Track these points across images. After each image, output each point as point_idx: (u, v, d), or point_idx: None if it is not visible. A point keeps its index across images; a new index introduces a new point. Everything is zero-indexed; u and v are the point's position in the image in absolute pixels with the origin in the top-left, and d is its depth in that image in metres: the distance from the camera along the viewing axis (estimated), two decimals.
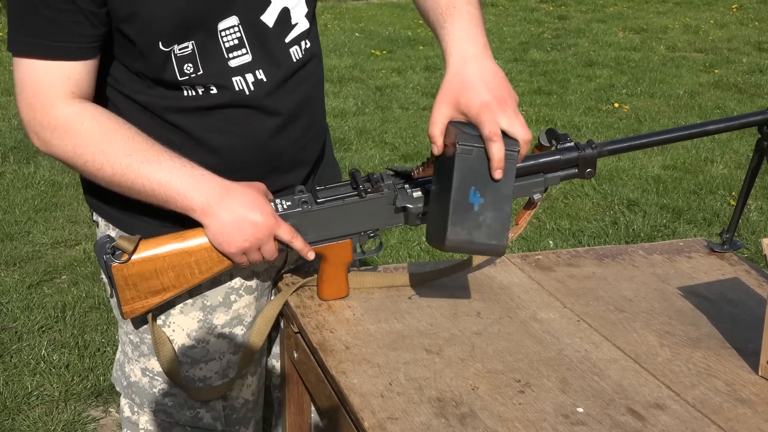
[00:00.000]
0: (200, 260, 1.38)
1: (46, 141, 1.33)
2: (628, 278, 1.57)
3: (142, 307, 1.39)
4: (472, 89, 1.26)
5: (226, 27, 1.35)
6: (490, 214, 1.24)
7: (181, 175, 1.32)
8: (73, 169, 1.37)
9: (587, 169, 1.46)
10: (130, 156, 1.31)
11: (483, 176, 1.23)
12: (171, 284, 1.38)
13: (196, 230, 1.39)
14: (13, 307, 3.26)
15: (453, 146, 1.23)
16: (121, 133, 1.33)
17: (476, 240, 1.24)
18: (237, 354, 1.53)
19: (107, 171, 1.32)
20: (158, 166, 1.31)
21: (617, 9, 9.97)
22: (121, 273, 1.36)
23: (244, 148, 1.42)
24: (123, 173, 1.31)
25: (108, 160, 1.31)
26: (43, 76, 1.30)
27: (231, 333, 1.52)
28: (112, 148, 1.31)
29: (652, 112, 6.01)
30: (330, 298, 1.47)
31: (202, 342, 1.51)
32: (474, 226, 1.23)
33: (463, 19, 1.34)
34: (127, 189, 1.34)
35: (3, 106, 5.88)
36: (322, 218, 1.41)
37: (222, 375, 1.52)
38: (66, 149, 1.33)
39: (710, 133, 1.52)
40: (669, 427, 1.14)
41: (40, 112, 1.32)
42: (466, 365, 1.28)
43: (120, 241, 1.35)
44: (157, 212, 1.38)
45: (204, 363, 1.51)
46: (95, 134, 1.32)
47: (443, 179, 1.25)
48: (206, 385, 1.52)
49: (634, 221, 4.15)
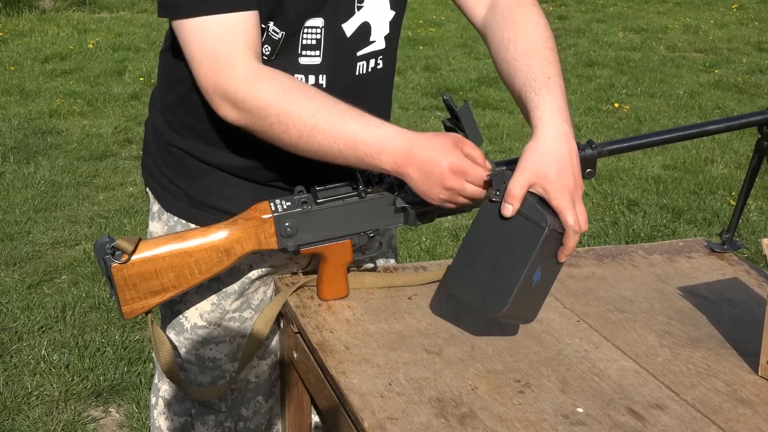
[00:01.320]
0: (200, 260, 1.38)
1: (232, 107, 1.31)
2: (628, 278, 1.57)
3: (142, 307, 1.39)
4: (563, 170, 1.26)
5: (310, 26, 1.38)
6: (540, 292, 1.28)
7: (366, 136, 1.28)
8: (258, 135, 1.34)
9: (587, 169, 1.46)
10: (314, 116, 1.29)
11: (549, 257, 1.26)
12: (171, 285, 1.39)
13: (196, 230, 1.39)
14: (13, 307, 3.26)
15: (531, 222, 1.24)
16: (303, 92, 1.32)
17: (522, 314, 1.29)
18: (246, 337, 1.55)
19: (293, 133, 1.30)
20: (343, 127, 1.29)
21: (617, 9, 9.97)
22: (120, 273, 1.36)
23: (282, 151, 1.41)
24: (309, 135, 1.29)
25: (293, 122, 1.29)
26: (222, 34, 1.29)
27: (241, 317, 1.56)
28: (296, 108, 1.29)
29: (652, 112, 6.00)
30: (330, 299, 1.47)
31: (213, 324, 1.54)
32: (527, 300, 1.27)
33: (558, 93, 1.34)
34: (314, 152, 1.31)
35: (3, 106, 5.87)
36: (322, 218, 1.40)
37: (232, 357, 1.56)
38: (251, 112, 1.31)
39: (710, 133, 1.53)
40: (669, 427, 1.14)
41: (222, 76, 1.30)
42: (466, 365, 1.28)
43: (120, 242, 1.36)
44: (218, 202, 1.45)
45: (215, 344, 1.55)
46: (277, 94, 1.30)
47: (509, 247, 1.25)
48: (216, 366, 1.55)
49: (634, 221, 4.15)
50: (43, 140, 5.20)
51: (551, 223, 1.22)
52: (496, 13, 1.45)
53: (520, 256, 1.23)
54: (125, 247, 1.35)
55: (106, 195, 4.44)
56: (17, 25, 8.34)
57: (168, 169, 1.54)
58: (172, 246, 1.38)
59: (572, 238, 1.24)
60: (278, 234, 1.39)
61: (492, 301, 1.24)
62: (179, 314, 1.55)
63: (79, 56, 7.27)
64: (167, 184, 1.54)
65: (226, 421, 1.59)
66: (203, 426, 1.58)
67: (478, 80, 6.78)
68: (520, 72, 1.36)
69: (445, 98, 1.37)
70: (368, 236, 1.44)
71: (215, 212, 1.49)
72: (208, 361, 1.56)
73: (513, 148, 5.22)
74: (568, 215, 1.24)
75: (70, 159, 4.90)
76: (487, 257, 1.26)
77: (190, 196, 1.52)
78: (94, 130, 5.42)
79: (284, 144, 1.32)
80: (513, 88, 1.38)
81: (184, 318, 1.55)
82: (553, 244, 1.25)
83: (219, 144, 1.47)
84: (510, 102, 6.21)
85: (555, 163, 1.26)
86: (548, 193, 1.25)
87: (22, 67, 6.86)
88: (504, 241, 1.25)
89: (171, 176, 1.54)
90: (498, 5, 1.46)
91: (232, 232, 1.38)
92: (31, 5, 8.90)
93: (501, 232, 1.25)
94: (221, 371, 1.57)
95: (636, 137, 1.49)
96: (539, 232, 1.22)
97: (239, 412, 1.61)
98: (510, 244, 1.24)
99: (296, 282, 1.51)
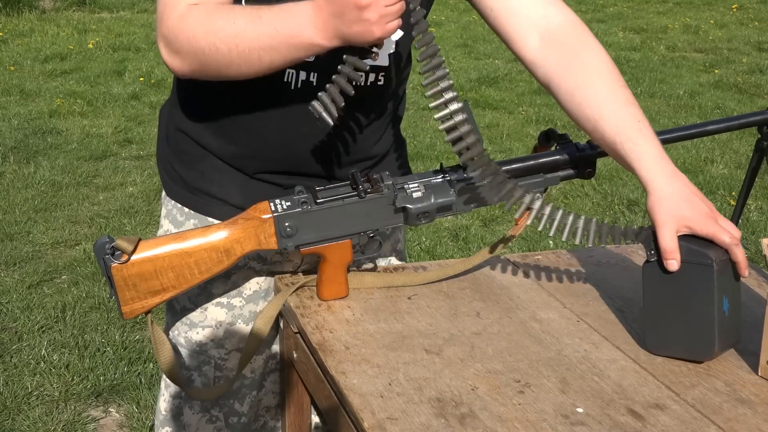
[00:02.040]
0: (200, 261, 1.38)
1: (171, 51, 1.36)
2: (628, 278, 1.57)
3: (142, 307, 1.39)
4: (692, 203, 1.29)
5: None
6: (735, 314, 1.29)
7: (282, 19, 1.30)
8: (203, 74, 1.38)
9: (587, 169, 1.46)
10: (234, 23, 1.31)
11: (727, 284, 1.28)
12: (171, 285, 1.39)
13: (196, 230, 1.40)
14: (13, 307, 3.26)
15: (697, 264, 1.26)
16: (223, 8, 1.34)
17: (730, 342, 1.31)
18: (234, 326, 1.57)
19: (223, 50, 1.32)
20: (260, 23, 1.31)
21: (617, 9, 9.97)
22: (120, 273, 1.36)
23: (268, 141, 1.47)
24: (236, 44, 1.31)
25: (219, 37, 1.32)
26: None
27: (229, 303, 1.57)
28: (217, 23, 1.32)
29: (652, 112, 6.01)
30: (329, 299, 1.47)
31: (200, 307, 1.57)
32: (728, 329, 1.29)
33: (653, 136, 1.35)
34: (248, 62, 1.33)
35: (3, 106, 5.88)
36: (322, 218, 1.40)
37: (217, 344, 1.57)
38: (186, 49, 1.34)
39: (710, 133, 1.53)
40: (669, 427, 1.14)
41: (163, 22, 1.35)
42: (466, 365, 1.28)
43: (119, 242, 1.36)
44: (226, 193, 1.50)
45: (201, 328, 1.57)
46: (200, 19, 1.33)
47: (689, 294, 1.28)
48: (202, 350, 1.57)
49: (634, 221, 4.15)
50: (43, 140, 5.20)
51: (715, 257, 1.25)
52: (556, 49, 1.43)
53: (704, 299, 1.27)
54: (125, 247, 1.35)
55: (106, 195, 4.44)
56: (17, 25, 8.35)
57: (172, 155, 1.59)
58: (171, 246, 1.38)
59: (737, 251, 1.27)
60: (278, 234, 1.39)
61: (699, 349, 1.29)
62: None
63: (79, 56, 7.28)
64: (170, 169, 1.60)
65: (213, 408, 1.60)
66: (190, 410, 1.61)
67: (478, 80, 6.78)
68: (609, 120, 1.36)
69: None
70: (368, 236, 1.44)
71: (206, 197, 1.54)
72: (196, 345, 1.58)
73: (513, 148, 5.22)
74: (722, 236, 1.27)
75: (70, 159, 4.90)
76: (673, 313, 1.30)
77: (186, 181, 1.57)
78: (94, 130, 5.43)
79: (225, 67, 1.34)
80: (604, 138, 1.38)
81: (176, 300, 1.58)
82: (725, 273, 1.27)
83: (216, 129, 1.52)
84: (510, 102, 6.22)
85: (683, 201, 1.29)
86: (694, 229, 1.28)
87: (22, 67, 6.87)
88: (681, 292, 1.29)
89: (173, 161, 1.59)
90: (555, 39, 1.43)
91: (231, 232, 1.39)
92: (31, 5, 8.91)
93: (674, 285, 1.29)
94: (207, 356, 1.57)
95: None
96: (710, 270, 1.25)
97: (233, 407, 1.61)
98: (689, 292, 1.28)
99: (296, 282, 1.51)
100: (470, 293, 1.51)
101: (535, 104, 6.18)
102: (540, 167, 1.45)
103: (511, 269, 1.61)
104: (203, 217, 1.55)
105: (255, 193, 1.50)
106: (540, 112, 5.98)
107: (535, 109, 6.07)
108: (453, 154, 3.35)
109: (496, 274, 1.59)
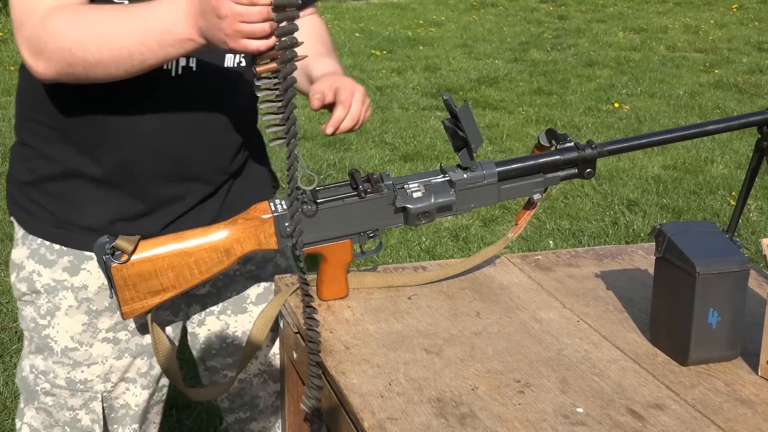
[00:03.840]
0: (200, 261, 1.38)
1: (38, 55, 1.30)
2: (628, 278, 1.57)
3: (142, 307, 1.39)
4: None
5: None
6: (728, 331, 1.29)
7: (152, 16, 1.26)
8: (70, 77, 1.32)
9: (587, 169, 1.46)
10: (102, 21, 1.28)
11: (720, 296, 1.27)
12: (170, 285, 1.38)
13: (195, 230, 1.39)
14: (13, 307, 3.26)
15: (681, 269, 1.27)
16: (89, 7, 1.30)
17: (714, 356, 1.30)
18: (120, 359, 1.52)
19: (93, 50, 1.27)
20: (130, 21, 1.27)
21: (617, 9, 9.97)
22: (120, 273, 1.36)
23: (143, 140, 1.41)
24: (106, 43, 1.27)
25: (87, 36, 1.27)
26: None
27: (115, 338, 1.52)
28: (84, 21, 1.28)
29: (652, 112, 6.00)
30: (329, 299, 1.47)
31: (84, 345, 1.51)
32: (712, 344, 1.29)
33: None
34: (119, 62, 1.28)
35: (3, 106, 5.87)
36: (322, 219, 1.40)
37: (104, 379, 1.52)
38: (53, 50, 1.29)
39: (710, 133, 1.53)
40: (668, 427, 1.14)
41: (24, 25, 1.30)
42: (466, 365, 1.28)
43: (119, 242, 1.35)
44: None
45: (86, 366, 1.52)
46: (66, 18, 1.28)
47: (676, 296, 1.29)
48: (87, 388, 1.52)
49: (634, 221, 4.15)
50: None
51: (701, 269, 1.25)
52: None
53: (685, 306, 1.28)
54: (125, 247, 1.35)
55: None
56: None
57: (29, 186, 1.50)
58: (171, 246, 1.37)
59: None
60: (278, 234, 1.39)
61: (678, 352, 1.30)
62: (48, 338, 1.51)
63: None
64: (30, 205, 1.50)
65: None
66: None
67: (478, 80, 6.78)
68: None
69: (444, 98, 1.37)
70: (368, 236, 1.44)
71: (76, 229, 1.47)
72: (80, 383, 1.52)
73: (513, 148, 5.22)
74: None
75: None
76: (665, 311, 1.32)
77: (53, 213, 1.48)
78: None
79: (94, 67, 1.29)
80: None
81: (53, 341, 1.51)
82: (715, 286, 1.27)
83: (81, 146, 1.44)
84: (510, 102, 6.22)
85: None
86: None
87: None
88: (671, 293, 1.31)
89: (30, 192, 1.50)
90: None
91: (231, 232, 1.38)
92: None
93: (668, 285, 1.31)
94: (93, 392, 1.53)
95: (636, 137, 1.49)
96: (691, 281, 1.26)
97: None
98: (676, 296, 1.30)
99: (296, 282, 1.51)
100: (470, 293, 1.51)
101: (535, 104, 6.18)
102: (540, 167, 1.45)
103: (511, 269, 1.61)
104: (80, 252, 1.48)
105: (133, 210, 1.47)
106: (540, 112, 5.98)
107: (535, 109, 6.07)
108: (453, 154, 3.34)
109: (496, 274, 1.59)
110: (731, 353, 1.30)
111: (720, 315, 1.27)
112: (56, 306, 1.49)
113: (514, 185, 1.46)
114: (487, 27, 8.82)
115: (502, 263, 1.63)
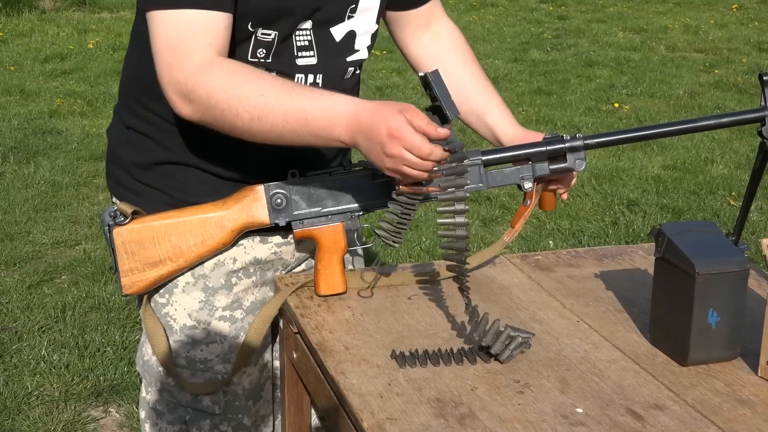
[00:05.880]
0: (194, 230, 1.44)
1: (185, 100, 1.31)
2: (628, 278, 1.57)
3: (140, 281, 1.43)
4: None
5: (300, 27, 1.42)
6: (729, 331, 1.29)
7: (315, 109, 1.29)
8: (211, 126, 1.34)
9: (576, 160, 1.48)
10: (263, 96, 1.29)
11: (720, 297, 1.27)
12: (167, 256, 1.43)
13: (191, 207, 1.46)
14: (13, 307, 3.26)
15: (680, 268, 1.27)
16: (250, 73, 1.32)
17: (715, 355, 1.30)
18: (237, 338, 1.55)
19: (245, 117, 1.30)
20: (292, 104, 1.29)
21: (617, 9, 9.97)
22: (120, 237, 1.41)
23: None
24: (260, 116, 1.29)
25: (242, 105, 1.29)
26: (185, 27, 1.30)
27: (232, 316, 1.54)
28: (244, 90, 1.30)
29: (652, 112, 6.01)
30: (327, 293, 1.47)
31: (202, 323, 1.53)
32: (712, 344, 1.28)
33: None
34: (269, 135, 1.32)
35: (3, 106, 5.88)
36: (311, 191, 1.45)
37: (223, 359, 1.54)
38: (202, 102, 1.31)
39: (702, 129, 1.53)
40: (668, 427, 1.14)
41: (176, 69, 1.31)
42: (466, 365, 1.28)
43: (120, 206, 1.42)
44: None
45: (205, 345, 1.54)
46: (225, 79, 1.30)
47: (676, 296, 1.29)
48: (207, 368, 1.54)
49: (634, 221, 4.15)
50: (43, 140, 5.20)
51: (701, 269, 1.25)
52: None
53: (685, 306, 1.28)
54: (125, 210, 1.42)
55: (106, 195, 4.43)
56: (17, 25, 8.34)
57: (141, 171, 1.53)
58: (170, 218, 1.44)
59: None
60: (269, 206, 1.43)
61: (678, 352, 1.30)
62: (167, 316, 1.54)
63: (79, 56, 7.27)
64: (140, 187, 1.53)
65: (222, 424, 1.57)
66: (199, 431, 1.57)
67: None
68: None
69: (420, 75, 1.34)
70: (358, 216, 1.48)
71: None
72: (199, 363, 1.54)
73: None
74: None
75: (70, 159, 4.90)
76: (665, 311, 1.32)
77: (167, 193, 1.52)
78: (94, 130, 5.42)
79: (239, 131, 1.33)
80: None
81: (172, 320, 1.54)
82: (716, 286, 1.26)
83: (191, 138, 1.48)
84: (510, 102, 6.21)
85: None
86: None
87: (22, 67, 6.87)
88: (671, 293, 1.31)
89: (145, 178, 1.53)
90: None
91: (225, 204, 1.44)
92: (31, 5, 8.90)
93: (668, 285, 1.31)
94: (213, 372, 1.55)
95: (624, 131, 1.53)
96: (691, 281, 1.25)
97: (241, 422, 1.60)
98: (676, 295, 1.30)
99: (296, 282, 1.51)
100: (470, 293, 1.51)
101: (535, 104, 6.18)
102: (526, 156, 1.48)
103: (511, 269, 1.61)
104: None
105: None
106: (540, 112, 5.98)
107: (535, 109, 6.07)
108: None
109: (496, 274, 1.59)
110: (731, 353, 1.30)
111: (720, 315, 1.27)
112: (174, 283, 1.51)
113: (502, 171, 1.49)
114: (486, 27, 8.82)
115: (502, 263, 1.63)
